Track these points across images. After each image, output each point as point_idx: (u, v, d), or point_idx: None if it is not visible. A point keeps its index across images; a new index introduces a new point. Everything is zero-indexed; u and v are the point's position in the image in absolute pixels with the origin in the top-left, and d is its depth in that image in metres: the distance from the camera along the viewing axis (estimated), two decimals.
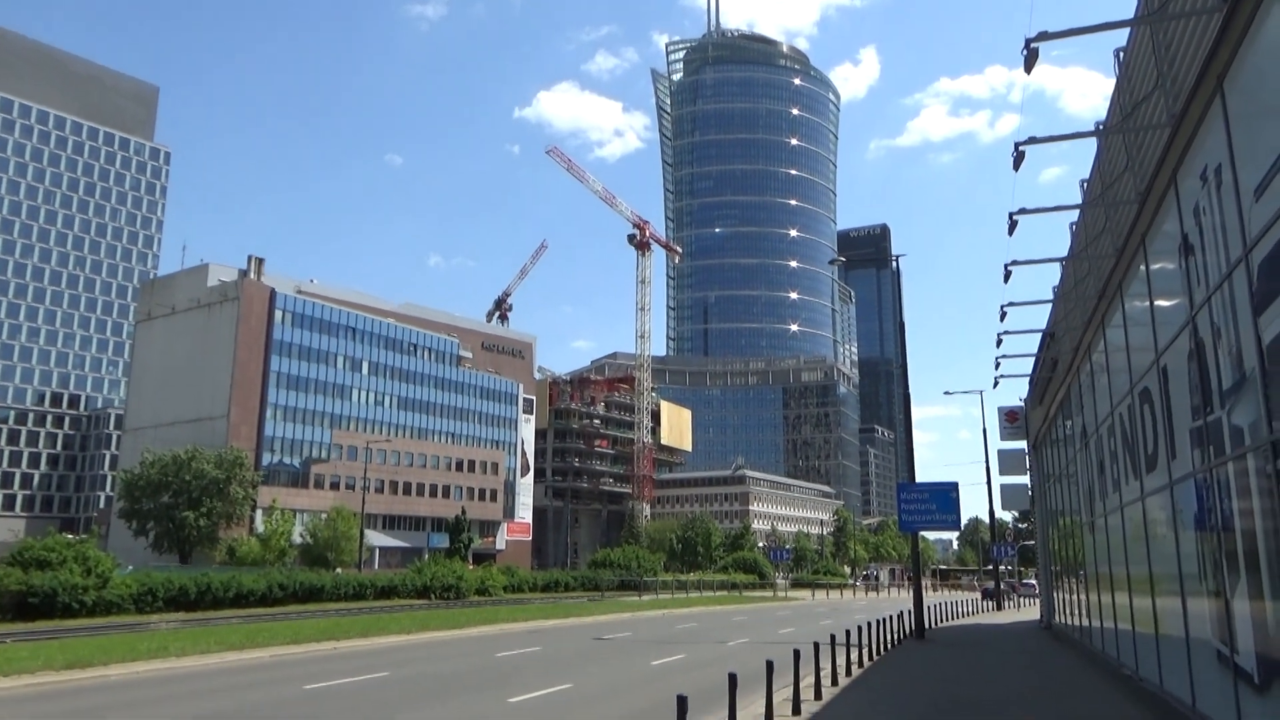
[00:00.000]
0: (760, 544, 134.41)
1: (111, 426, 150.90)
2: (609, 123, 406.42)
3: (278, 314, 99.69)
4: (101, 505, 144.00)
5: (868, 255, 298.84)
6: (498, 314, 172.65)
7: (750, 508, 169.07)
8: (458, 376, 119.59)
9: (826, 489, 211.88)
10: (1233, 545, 9.43)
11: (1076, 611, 25.67)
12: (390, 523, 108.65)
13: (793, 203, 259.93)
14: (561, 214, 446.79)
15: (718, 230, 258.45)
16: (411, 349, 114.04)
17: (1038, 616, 40.72)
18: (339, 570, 68.39)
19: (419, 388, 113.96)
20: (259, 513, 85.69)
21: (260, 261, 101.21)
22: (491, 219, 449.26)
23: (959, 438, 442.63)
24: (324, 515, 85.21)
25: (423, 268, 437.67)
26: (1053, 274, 24.10)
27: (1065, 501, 26.60)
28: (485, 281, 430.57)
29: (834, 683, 16.68)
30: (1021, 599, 68.54)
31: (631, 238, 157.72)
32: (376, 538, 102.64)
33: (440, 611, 41.98)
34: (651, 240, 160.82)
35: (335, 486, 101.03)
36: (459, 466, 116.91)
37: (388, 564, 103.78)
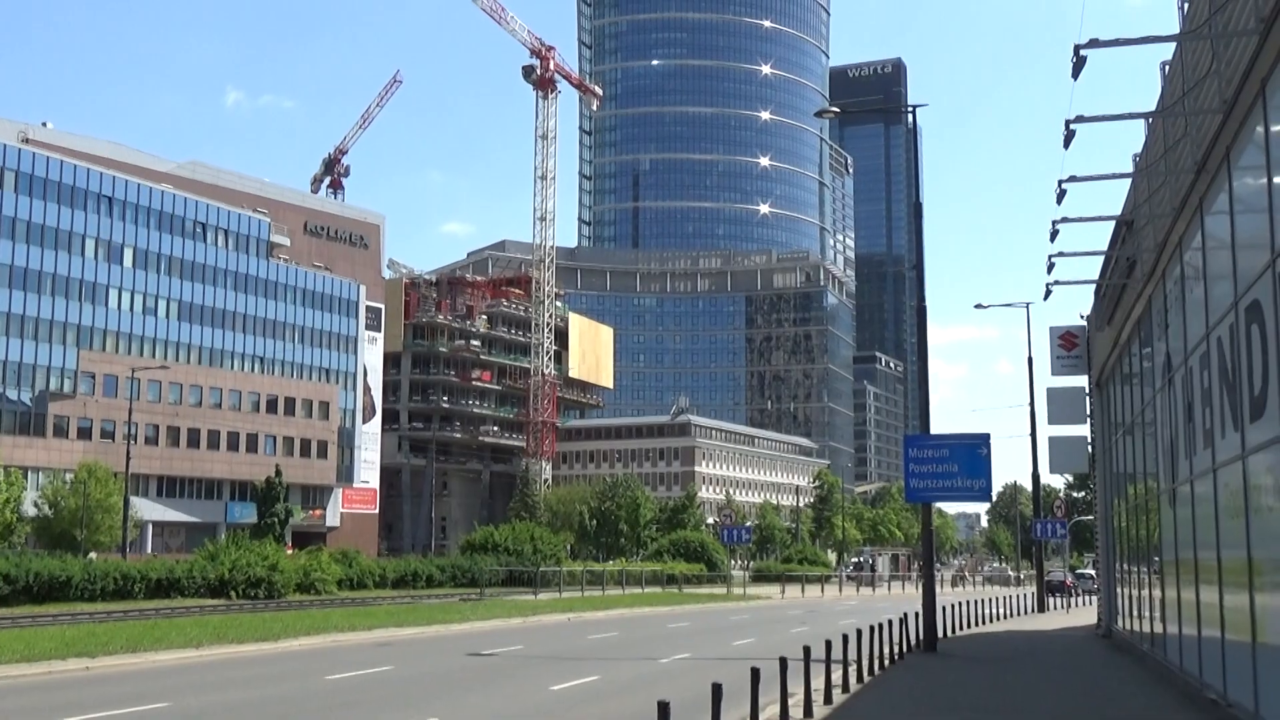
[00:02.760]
0: (710, 520, 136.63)
1: None
2: None
3: None
4: None
5: (873, 105, 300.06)
6: (328, 181, 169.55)
7: (696, 469, 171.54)
8: (268, 273, 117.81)
9: (805, 443, 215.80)
10: None
11: (1146, 613, 26.68)
12: (169, 487, 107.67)
13: (766, 24, 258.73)
14: (424, 33, 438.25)
15: (655, 63, 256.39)
16: (198, 230, 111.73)
17: (1094, 620, 42.31)
18: (93, 556, 67.52)
19: (210, 288, 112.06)
20: None
21: None
22: (319, 39, 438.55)
23: (996, 371, 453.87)
24: (69, 476, 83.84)
25: (216, 109, 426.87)
26: (1134, 138, 24.38)
27: (1138, 461, 27.40)
28: (309, 132, 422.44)
29: (807, 713, 17.16)
30: (1082, 595, 71.22)
31: (529, 71, 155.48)
32: (149, 509, 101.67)
33: (245, 616, 41.91)
34: (558, 75, 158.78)
35: (85, 434, 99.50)
36: (271, 407, 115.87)
37: (166, 547, 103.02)
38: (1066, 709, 19.56)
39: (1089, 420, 38.30)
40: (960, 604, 40.35)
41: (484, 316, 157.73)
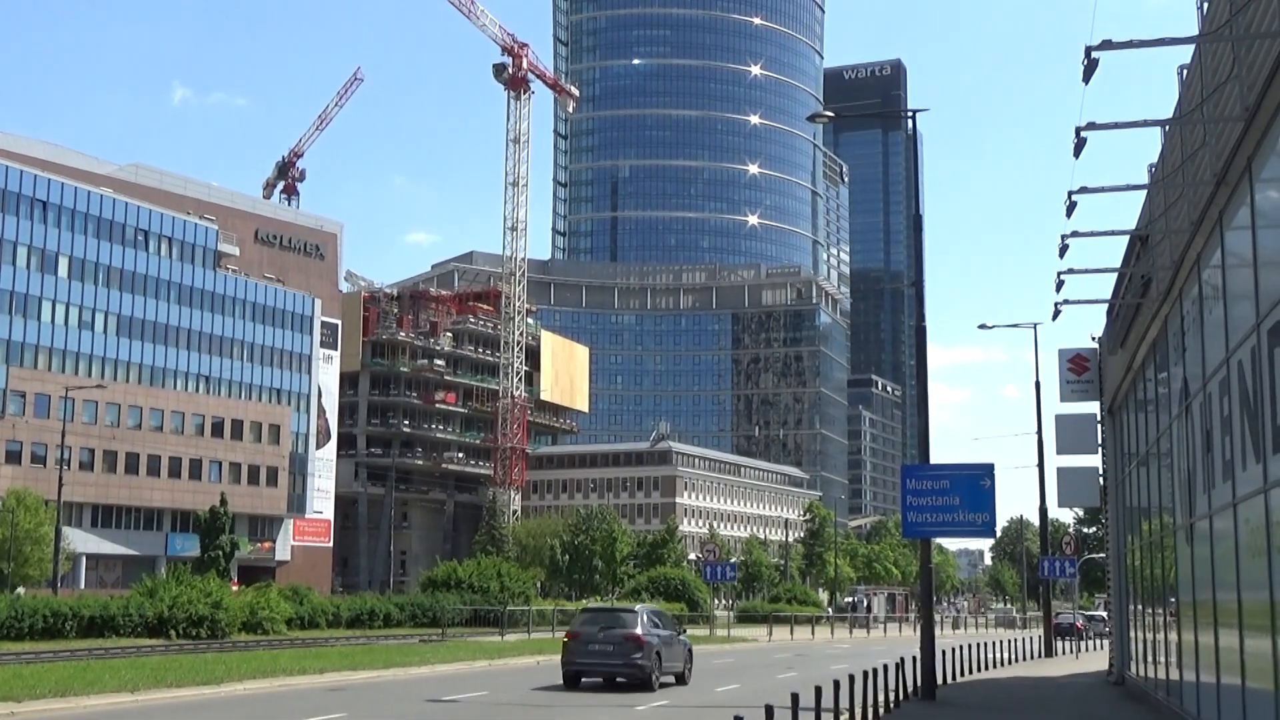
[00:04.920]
0: (692, 556, 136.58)
1: None
2: None
3: None
4: None
5: (870, 109, 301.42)
6: (282, 186, 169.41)
7: (678, 500, 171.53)
8: (215, 284, 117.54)
9: (796, 473, 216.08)
10: None
11: (1162, 658, 26.73)
12: (105, 517, 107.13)
13: (756, 21, 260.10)
14: (387, 28, 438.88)
15: (636, 62, 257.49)
16: (140, 238, 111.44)
17: (1105, 666, 42.41)
18: (20, 591, 67.16)
19: (151, 301, 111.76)
20: None
21: None
22: (274, 32, 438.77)
23: (1002, 395, 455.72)
24: None
25: (162, 107, 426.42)
26: (1149, 147, 24.51)
27: (1153, 495, 27.48)
28: (262, 133, 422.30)
29: None
30: (1093, 639, 71.43)
31: (500, 70, 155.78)
32: (83, 540, 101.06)
33: (186, 657, 41.63)
34: (532, 75, 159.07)
35: (14, 458, 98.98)
36: (217, 430, 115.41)
37: (101, 581, 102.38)
38: None
39: (1100, 450, 38.41)
40: (961, 648, 40.36)
41: (449, 334, 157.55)
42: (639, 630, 32.04)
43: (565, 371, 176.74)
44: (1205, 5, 17.12)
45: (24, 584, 76.40)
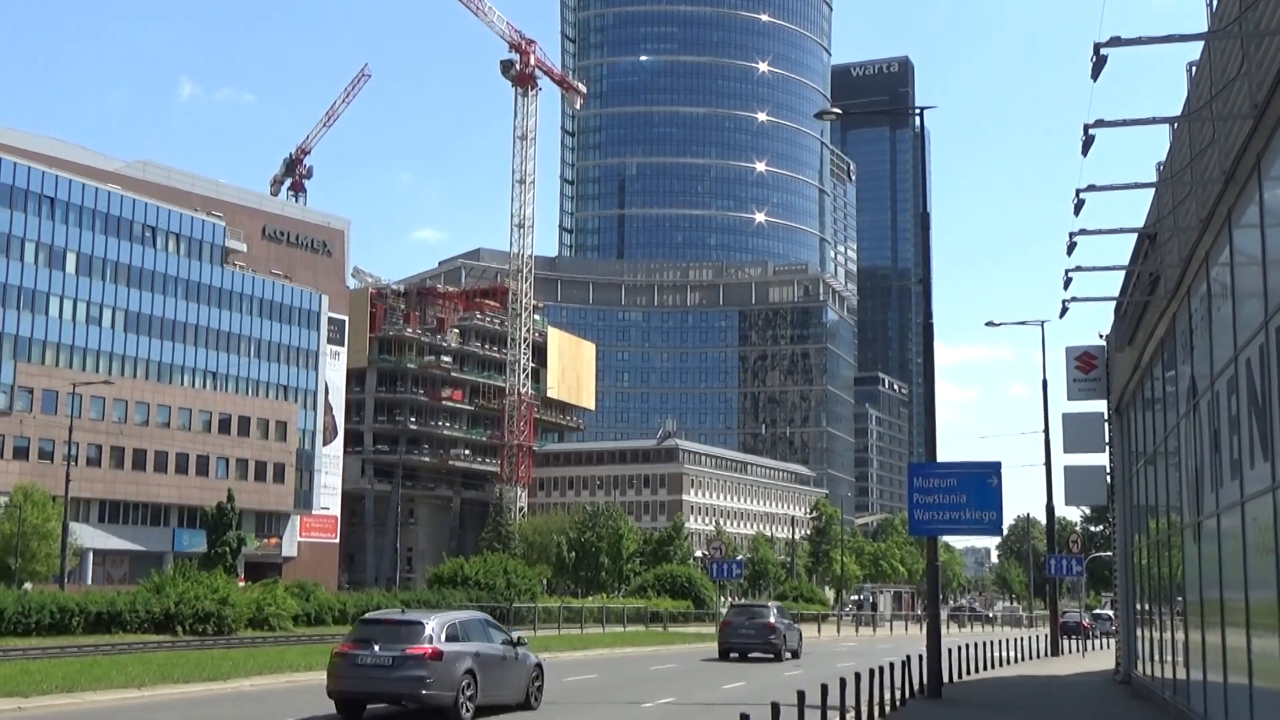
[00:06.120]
0: (698, 553, 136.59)
1: None
2: None
3: None
4: None
5: (878, 106, 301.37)
6: (289, 183, 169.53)
7: (684, 498, 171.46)
8: (223, 281, 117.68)
9: (802, 470, 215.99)
10: None
11: (1169, 657, 26.68)
12: (113, 512, 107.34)
13: (764, 18, 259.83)
14: (394, 24, 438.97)
15: (643, 59, 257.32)
16: (148, 234, 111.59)
17: (1112, 664, 42.37)
18: (28, 587, 67.22)
19: (159, 297, 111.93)
20: None
21: None
22: (282, 28, 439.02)
23: (1009, 394, 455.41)
24: (3, 499, 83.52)
25: (169, 103, 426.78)
26: (1158, 144, 24.46)
27: (1160, 493, 27.43)
28: (270, 129, 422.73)
29: None
30: (1100, 637, 71.51)
31: (507, 66, 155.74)
32: (90, 535, 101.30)
33: (192, 653, 41.70)
34: (539, 71, 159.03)
35: (22, 454, 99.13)
36: (224, 426, 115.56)
37: (108, 577, 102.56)
38: None
39: (1108, 448, 38.35)
40: (967, 646, 40.34)
41: (456, 330, 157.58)
42: (772, 619, 44.88)
43: (572, 368, 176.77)
44: (1214, 2, 17.08)
45: (31, 579, 76.56)
